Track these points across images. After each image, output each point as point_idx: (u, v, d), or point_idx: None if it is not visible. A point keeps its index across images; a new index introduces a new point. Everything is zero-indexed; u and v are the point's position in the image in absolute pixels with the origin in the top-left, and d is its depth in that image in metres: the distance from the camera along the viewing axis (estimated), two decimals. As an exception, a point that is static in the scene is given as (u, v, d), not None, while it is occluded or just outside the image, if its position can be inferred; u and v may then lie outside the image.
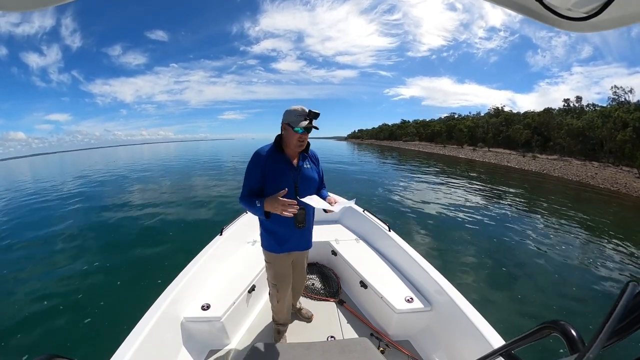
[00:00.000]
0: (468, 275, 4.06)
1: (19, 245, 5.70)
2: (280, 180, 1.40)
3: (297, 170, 1.47)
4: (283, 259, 1.58)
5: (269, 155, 1.42)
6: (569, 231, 6.56)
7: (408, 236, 5.27)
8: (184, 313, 1.70)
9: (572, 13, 0.66)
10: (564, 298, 3.70)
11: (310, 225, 1.60)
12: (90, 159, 49.15)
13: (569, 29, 0.73)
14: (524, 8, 0.75)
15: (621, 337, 0.36)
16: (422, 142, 60.86)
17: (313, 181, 1.53)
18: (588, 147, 26.28)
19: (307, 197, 1.36)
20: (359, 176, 14.55)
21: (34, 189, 14.18)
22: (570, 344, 0.46)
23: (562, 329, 0.48)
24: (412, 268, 2.03)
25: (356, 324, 2.01)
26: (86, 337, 2.81)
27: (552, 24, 0.73)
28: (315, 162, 1.59)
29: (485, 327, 1.41)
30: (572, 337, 0.46)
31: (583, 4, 0.63)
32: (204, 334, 1.75)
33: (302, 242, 1.59)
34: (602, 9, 0.58)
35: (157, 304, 1.57)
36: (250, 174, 1.42)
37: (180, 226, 6.24)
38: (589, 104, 38.52)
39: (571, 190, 13.06)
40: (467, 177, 15.50)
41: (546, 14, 0.68)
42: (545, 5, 0.64)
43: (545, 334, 0.51)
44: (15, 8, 0.61)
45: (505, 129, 39.54)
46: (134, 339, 1.31)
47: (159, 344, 1.45)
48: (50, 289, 3.79)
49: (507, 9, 0.77)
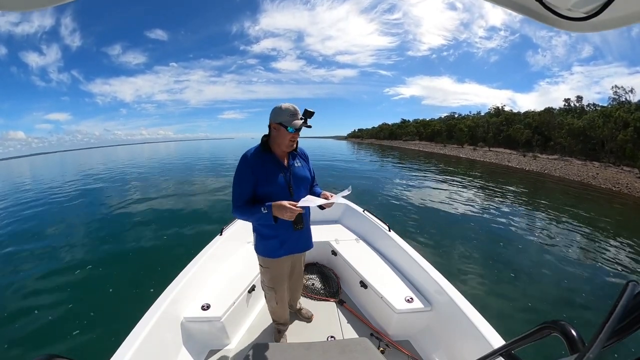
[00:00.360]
0: (468, 275, 4.06)
1: (17, 245, 5.69)
2: (272, 181, 1.36)
3: (288, 169, 1.42)
4: (281, 262, 1.54)
5: (258, 157, 1.36)
6: (571, 231, 6.54)
7: (408, 236, 5.27)
8: (184, 313, 1.70)
9: (572, 13, 0.66)
10: (565, 298, 3.70)
11: (308, 225, 1.56)
12: (90, 159, 49.09)
13: (569, 29, 0.73)
14: (523, 8, 0.74)
15: (621, 337, 0.36)
16: (422, 142, 60.73)
17: (305, 180, 1.50)
18: (589, 147, 26.16)
19: (301, 199, 1.31)
20: (359, 175, 14.55)
21: (34, 189, 14.20)
22: (570, 344, 0.45)
23: (562, 329, 0.48)
24: (412, 268, 2.03)
25: (356, 324, 2.01)
26: (86, 337, 2.81)
27: (552, 24, 0.73)
28: (305, 159, 1.54)
29: (485, 327, 1.41)
30: (572, 337, 0.46)
31: (583, 4, 0.63)
32: (204, 334, 1.75)
33: (301, 244, 1.55)
34: (602, 9, 0.58)
35: (157, 304, 1.57)
36: (241, 181, 1.35)
37: (180, 226, 6.24)
38: (590, 103, 38.52)
39: (573, 191, 13.00)
40: (468, 177, 15.46)
41: (546, 14, 0.68)
42: (545, 5, 0.64)
43: (545, 334, 0.51)
44: (15, 8, 0.61)
45: (506, 128, 39.40)
46: (134, 339, 1.31)
47: (159, 344, 1.45)
48: (49, 288, 3.79)
49: (507, 8, 0.77)
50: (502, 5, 0.76)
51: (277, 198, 1.31)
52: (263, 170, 1.35)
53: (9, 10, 0.61)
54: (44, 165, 43.95)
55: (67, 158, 76.80)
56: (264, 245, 1.50)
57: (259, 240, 1.51)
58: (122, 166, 25.10)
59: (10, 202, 10.72)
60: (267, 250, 1.49)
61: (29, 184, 17.02)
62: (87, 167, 27.87)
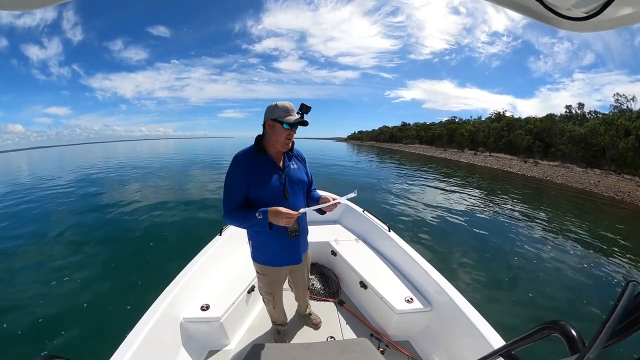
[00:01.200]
0: (468, 275, 4.06)
1: (13, 243, 5.64)
2: (266, 184, 1.27)
3: (284, 171, 1.33)
4: (278, 270, 1.47)
5: (251, 158, 1.28)
6: (573, 236, 6.52)
7: (408, 236, 5.27)
8: (183, 313, 1.70)
9: (572, 13, 0.66)
10: (565, 300, 3.70)
11: (304, 230, 1.47)
12: (89, 154, 48.74)
13: (569, 29, 0.73)
14: (524, 8, 0.74)
15: (621, 337, 0.37)
16: (422, 145, 60.62)
17: (302, 182, 1.40)
18: (590, 154, 26.03)
19: (300, 209, 1.27)
20: (359, 176, 14.53)
21: (31, 184, 14.07)
22: (571, 344, 0.45)
23: (562, 329, 0.48)
24: (412, 268, 2.03)
25: (356, 324, 2.01)
26: (85, 337, 2.80)
27: (553, 24, 0.73)
28: (302, 161, 1.45)
29: (485, 327, 1.41)
30: (572, 337, 0.46)
31: (583, 3, 0.63)
32: (203, 334, 1.75)
33: (297, 255, 1.45)
34: (602, 8, 0.58)
35: (156, 304, 1.56)
36: (232, 184, 1.28)
37: (179, 226, 6.22)
38: (591, 111, 38.32)
39: (575, 198, 12.94)
40: (469, 181, 15.43)
41: (546, 14, 0.68)
42: (546, 5, 0.64)
43: (546, 334, 0.51)
44: (15, 7, 0.61)
45: (507, 134, 39.35)
46: (133, 340, 1.31)
47: (158, 345, 1.45)
48: (47, 288, 3.76)
49: (507, 8, 0.77)
50: (502, 5, 0.76)
51: (271, 202, 1.24)
52: (256, 172, 1.26)
53: (9, 9, 0.60)
54: (41, 160, 43.36)
55: (65, 152, 75.52)
56: (259, 253, 1.43)
57: (254, 248, 1.45)
58: (121, 163, 24.93)
59: (6, 198, 10.56)
60: (263, 258, 1.44)
61: (26, 178, 16.87)
62: (86, 162, 27.64)
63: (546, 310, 3.42)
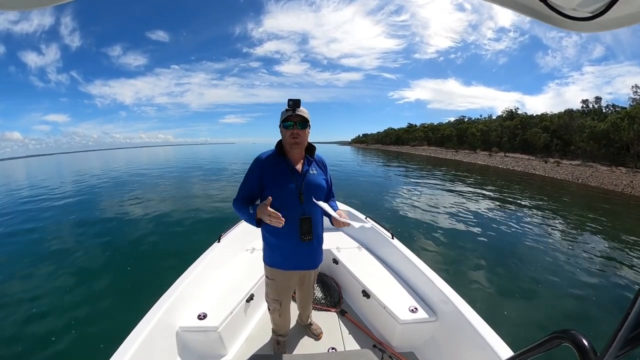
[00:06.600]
0: (475, 284, 3.94)
1: (8, 249, 5.62)
2: (281, 185, 1.32)
3: (302, 175, 1.36)
4: (288, 275, 1.46)
5: (270, 159, 1.36)
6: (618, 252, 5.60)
7: (412, 244, 5.16)
8: (180, 322, 1.66)
9: (577, 13, 0.66)
10: (579, 310, 3.54)
11: (319, 238, 1.44)
12: (88, 162, 48.49)
13: (575, 29, 0.72)
14: (528, 9, 0.74)
15: (635, 345, 0.35)
16: (431, 147, 59.36)
17: (320, 188, 1.41)
18: (612, 150, 24.64)
19: (317, 201, 1.27)
20: (361, 180, 14.43)
21: (29, 193, 14.06)
22: (582, 354, 0.43)
23: (572, 338, 0.45)
24: (416, 277, 1.99)
25: (358, 334, 1.96)
26: (78, 345, 2.75)
27: (557, 25, 0.73)
28: (322, 168, 1.48)
29: (492, 337, 1.37)
30: (584, 347, 0.43)
31: (588, 3, 0.62)
32: (199, 344, 1.71)
33: (310, 260, 1.44)
34: (607, 8, 0.58)
35: (152, 312, 1.54)
36: (246, 179, 1.38)
37: (176, 233, 6.18)
38: (608, 104, 36.85)
39: (625, 205, 11.08)
40: (493, 186, 14.23)
41: (551, 15, 0.68)
42: (550, 6, 0.64)
43: (556, 344, 0.49)
44: (15, 7, 0.61)
45: (521, 132, 37.62)
46: (127, 348, 1.28)
47: (153, 354, 1.42)
48: (41, 295, 3.72)
49: (512, 10, 0.77)
50: (506, 6, 0.76)
51: (285, 203, 1.28)
52: (272, 172, 1.34)
53: (9, 9, 0.61)
54: (39, 167, 42.87)
55: (64, 160, 74.67)
56: (270, 255, 1.44)
57: (265, 249, 1.46)
58: (119, 170, 25.01)
59: (2, 205, 10.57)
60: (274, 261, 1.43)
61: (24, 187, 16.80)
62: (83, 170, 27.56)
63: (557, 319, 3.29)
